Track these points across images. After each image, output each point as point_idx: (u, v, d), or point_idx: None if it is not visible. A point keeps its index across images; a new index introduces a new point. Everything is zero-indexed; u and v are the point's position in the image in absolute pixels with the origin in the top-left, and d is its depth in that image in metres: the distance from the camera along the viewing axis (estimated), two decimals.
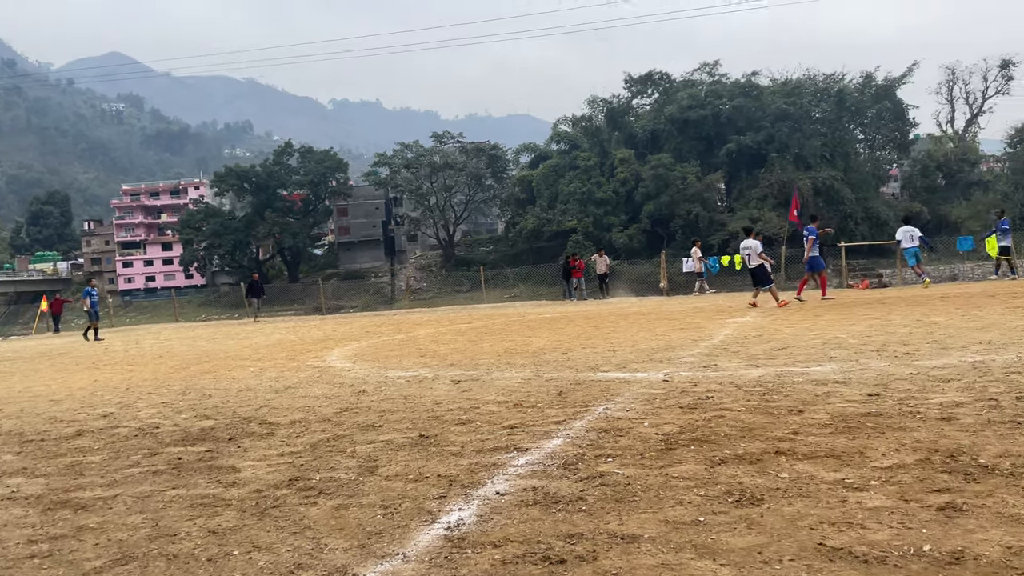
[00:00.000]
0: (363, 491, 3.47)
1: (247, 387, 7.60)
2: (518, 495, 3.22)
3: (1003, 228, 21.11)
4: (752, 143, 57.69)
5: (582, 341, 10.10)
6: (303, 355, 11.00)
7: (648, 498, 3.08)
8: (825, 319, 11.06)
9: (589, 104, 66.30)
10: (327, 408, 5.90)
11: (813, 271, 16.74)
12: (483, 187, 71.31)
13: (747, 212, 53.97)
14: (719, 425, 4.33)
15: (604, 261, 29.92)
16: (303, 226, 75.17)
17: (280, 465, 4.10)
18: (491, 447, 4.17)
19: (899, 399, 4.75)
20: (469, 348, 10.27)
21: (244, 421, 5.58)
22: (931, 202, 59.15)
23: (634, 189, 58.73)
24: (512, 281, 56.06)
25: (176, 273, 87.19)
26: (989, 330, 8.10)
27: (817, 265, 16.64)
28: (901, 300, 14.31)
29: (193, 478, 3.96)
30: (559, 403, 5.40)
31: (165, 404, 6.80)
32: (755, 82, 62.24)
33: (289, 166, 76.06)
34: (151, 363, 11.66)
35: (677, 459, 3.66)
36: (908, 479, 3.10)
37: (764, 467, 3.42)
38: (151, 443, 5.00)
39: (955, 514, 2.67)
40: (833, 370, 6.11)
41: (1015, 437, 3.65)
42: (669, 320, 13.15)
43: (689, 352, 8.03)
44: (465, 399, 5.86)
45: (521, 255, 62.96)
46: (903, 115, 62.76)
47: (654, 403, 5.15)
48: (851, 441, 3.78)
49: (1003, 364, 5.83)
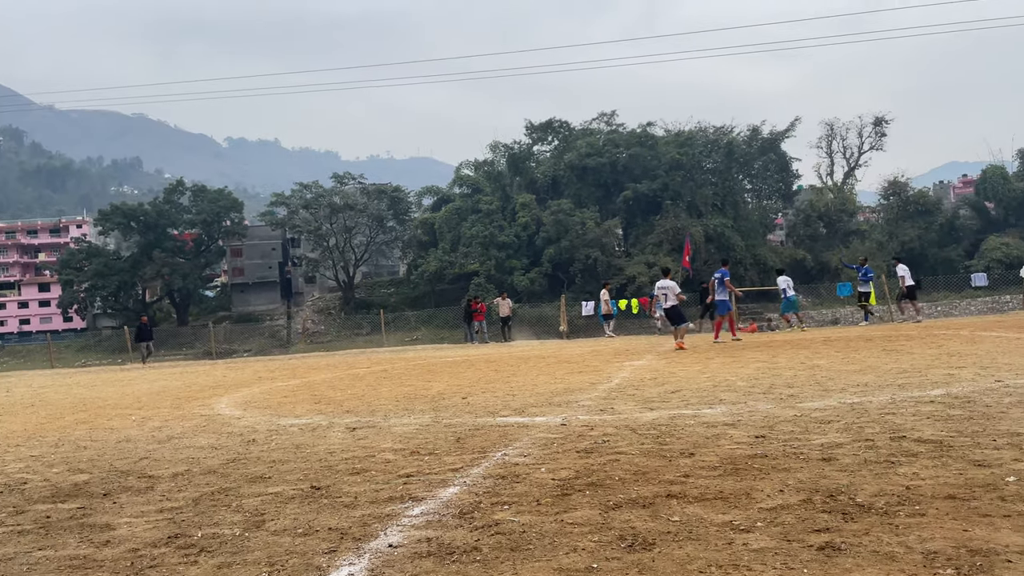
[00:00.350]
0: (248, 547, 3.31)
1: (126, 438, 7.18)
2: (411, 547, 3.15)
3: (867, 276, 22.14)
4: (648, 191, 59.81)
5: (482, 385, 10.07)
6: (189, 403, 10.51)
7: (543, 546, 3.07)
8: (716, 362, 11.44)
9: (491, 149, 67.44)
10: (213, 459, 5.64)
11: (722, 313, 17.37)
12: (385, 229, 70.85)
13: (643, 257, 55.78)
14: (614, 469, 4.38)
15: (507, 304, 30.12)
16: (194, 267, 72.44)
17: (159, 521, 3.87)
18: (385, 497, 4.07)
19: (784, 440, 4.93)
20: (367, 394, 10.07)
21: (121, 475, 5.25)
22: (814, 249, 62.70)
23: (535, 233, 59.72)
24: (413, 324, 55.59)
25: (54, 316, 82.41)
26: (866, 372, 8.55)
27: (724, 308, 17.26)
28: (787, 343, 14.98)
29: (63, 537, 3.68)
30: (457, 450, 5.34)
31: (35, 457, 6.34)
32: (650, 132, 64.82)
33: (180, 205, 73.46)
34: (21, 413, 10.88)
35: (572, 505, 3.66)
36: (791, 519, 3.21)
37: (656, 511, 3.46)
38: (17, 500, 4.64)
39: (834, 553, 2.77)
40: (723, 412, 6.30)
41: (889, 476, 3.85)
42: (568, 363, 13.31)
43: (587, 396, 8.13)
44: (360, 447, 5.72)
45: (423, 298, 62.65)
46: (787, 167, 66.69)
47: (551, 448, 5.16)
48: (739, 483, 3.88)
49: (879, 405, 6.15)
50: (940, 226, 66.36)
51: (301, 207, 69.72)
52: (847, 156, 71.51)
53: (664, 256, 54.20)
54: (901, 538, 2.89)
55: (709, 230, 56.58)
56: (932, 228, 65.48)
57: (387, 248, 73.66)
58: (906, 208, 66.27)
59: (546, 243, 58.72)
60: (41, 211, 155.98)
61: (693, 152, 61.99)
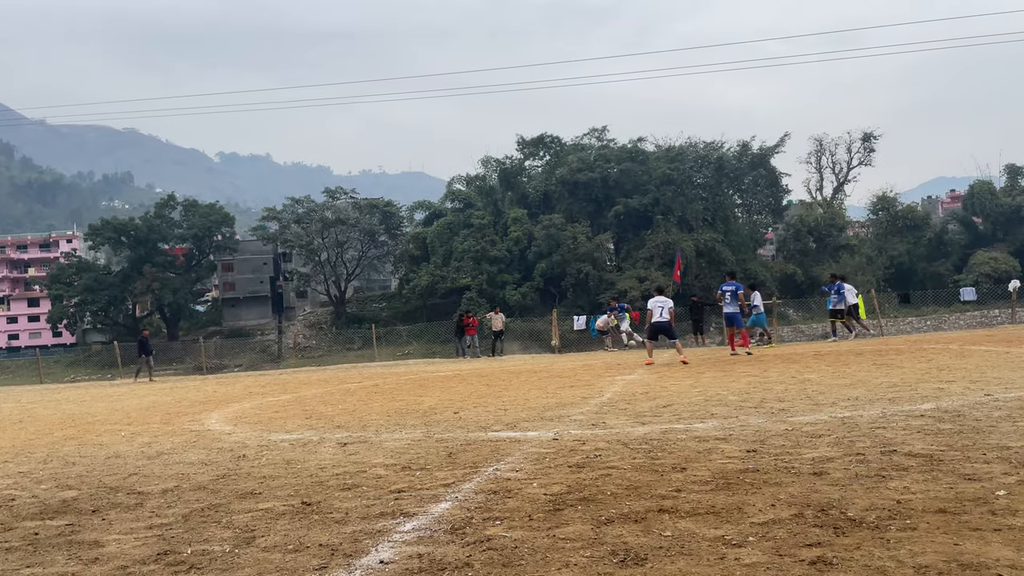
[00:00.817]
0: (238, 564, 3.29)
1: (116, 454, 7.13)
2: (403, 563, 3.13)
3: (838, 291, 21.40)
4: (639, 206, 60.03)
5: (474, 400, 10.05)
6: (180, 418, 10.45)
7: (535, 561, 3.06)
8: (707, 376, 11.45)
9: (483, 164, 67.60)
10: (203, 475, 5.60)
11: (739, 326, 17.47)
12: (376, 243, 70.81)
13: (635, 272, 55.87)
14: (606, 484, 4.37)
15: (500, 318, 30.10)
16: (185, 281, 72.21)
17: (148, 538, 3.84)
18: (377, 513, 4.06)
19: (775, 455, 4.93)
20: (358, 409, 10.04)
21: (111, 491, 5.21)
22: (804, 264, 62.96)
23: (527, 248, 59.80)
24: (405, 339, 55.47)
25: (43, 331, 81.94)
26: (856, 386, 8.58)
27: (737, 321, 17.37)
28: (778, 358, 15.01)
29: (51, 555, 3.65)
30: (449, 465, 5.32)
31: (23, 474, 6.29)
32: (641, 147, 65.11)
33: (171, 219, 73.32)
34: (9, 428, 10.79)
35: (564, 520, 3.66)
36: (783, 534, 3.21)
37: (648, 526, 3.46)
38: (5, 517, 4.59)
39: (826, 568, 2.77)
40: (714, 427, 6.30)
41: (880, 490, 3.85)
42: (560, 378, 13.30)
43: (579, 410, 8.12)
44: (352, 463, 5.70)
45: (415, 312, 62.55)
46: (777, 182, 67.06)
47: (543, 462, 5.15)
48: (730, 497, 3.88)
49: (869, 419, 6.17)
50: (929, 240, 66.83)
51: (293, 222, 69.69)
52: (836, 171, 72.12)
53: (655, 271, 54.36)
54: (892, 552, 2.89)
55: (700, 245, 56.78)
56: (921, 243, 65.94)
57: (379, 263, 73.61)
58: (895, 223, 66.75)
59: (538, 257, 58.81)
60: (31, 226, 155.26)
61: (684, 167, 62.29)
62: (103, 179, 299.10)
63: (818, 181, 72.91)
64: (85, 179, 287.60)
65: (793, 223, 67.04)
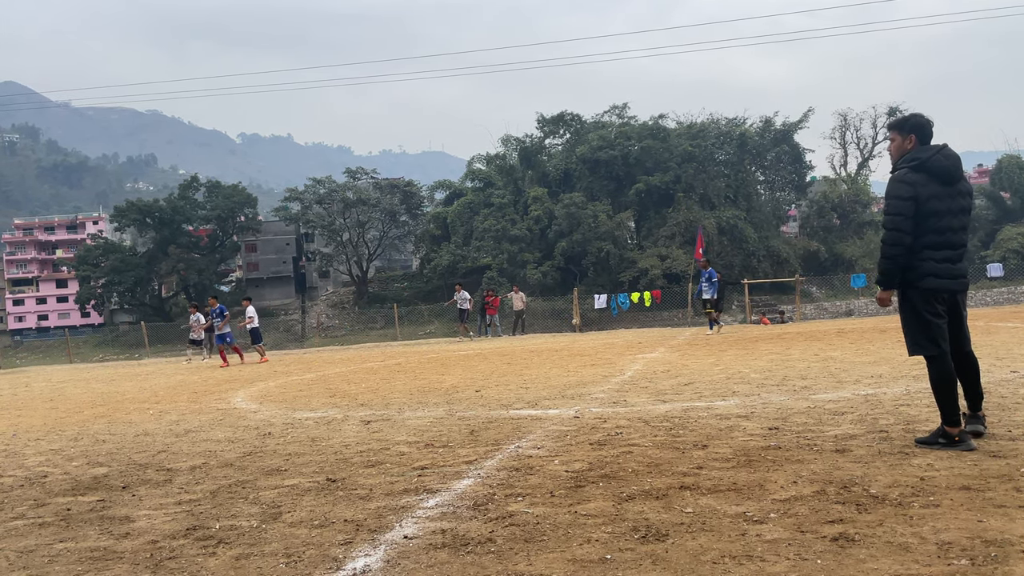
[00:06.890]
0: (265, 539, 3.35)
1: (145, 431, 7.26)
2: (426, 538, 3.18)
3: (710, 279, 18.56)
4: (660, 183, 59.51)
5: (496, 378, 10.10)
6: (206, 397, 10.60)
7: (557, 537, 3.09)
8: (729, 354, 11.41)
9: (503, 143, 67.21)
10: (230, 452, 5.69)
11: None
12: (397, 223, 70.99)
13: (656, 250, 55.54)
14: (627, 461, 4.39)
15: (520, 297, 30.09)
16: (209, 262, 72.87)
17: (177, 514, 3.92)
18: (400, 489, 4.11)
19: (797, 432, 4.92)
20: (381, 387, 10.12)
21: (140, 468, 5.32)
22: (828, 241, 62.25)
23: (547, 227, 59.61)
24: (427, 318, 55.69)
25: (71, 312, 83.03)
26: (880, 364, 8.51)
27: None
28: (800, 335, 14.92)
29: (83, 530, 3.74)
30: (471, 442, 5.37)
31: (55, 451, 6.42)
32: (662, 124, 64.41)
33: (195, 200, 73.86)
34: (41, 407, 11.01)
35: (586, 496, 3.68)
36: (805, 511, 3.21)
37: (670, 502, 3.47)
38: (38, 493, 4.71)
39: (848, 544, 2.78)
40: (736, 404, 6.29)
41: (903, 467, 3.84)
42: (581, 356, 13.31)
43: (600, 388, 8.13)
44: (375, 440, 5.76)
45: (436, 291, 62.71)
46: (800, 158, 66.08)
47: (565, 440, 5.18)
48: (752, 474, 3.89)
49: (893, 397, 6.13)
50: None
51: (315, 202, 69.95)
52: (861, 147, 70.94)
53: (677, 249, 53.99)
54: (915, 529, 2.89)
55: (722, 222, 56.25)
56: None
57: (400, 242, 73.84)
58: None
59: (558, 236, 58.61)
60: (58, 208, 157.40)
61: (705, 144, 61.60)
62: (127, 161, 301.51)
63: (842, 157, 71.85)
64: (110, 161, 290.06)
65: (817, 200, 66.20)
